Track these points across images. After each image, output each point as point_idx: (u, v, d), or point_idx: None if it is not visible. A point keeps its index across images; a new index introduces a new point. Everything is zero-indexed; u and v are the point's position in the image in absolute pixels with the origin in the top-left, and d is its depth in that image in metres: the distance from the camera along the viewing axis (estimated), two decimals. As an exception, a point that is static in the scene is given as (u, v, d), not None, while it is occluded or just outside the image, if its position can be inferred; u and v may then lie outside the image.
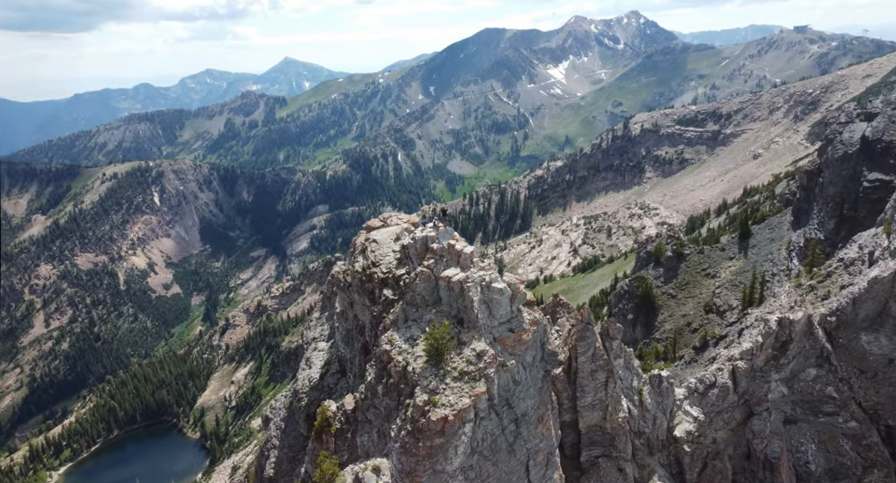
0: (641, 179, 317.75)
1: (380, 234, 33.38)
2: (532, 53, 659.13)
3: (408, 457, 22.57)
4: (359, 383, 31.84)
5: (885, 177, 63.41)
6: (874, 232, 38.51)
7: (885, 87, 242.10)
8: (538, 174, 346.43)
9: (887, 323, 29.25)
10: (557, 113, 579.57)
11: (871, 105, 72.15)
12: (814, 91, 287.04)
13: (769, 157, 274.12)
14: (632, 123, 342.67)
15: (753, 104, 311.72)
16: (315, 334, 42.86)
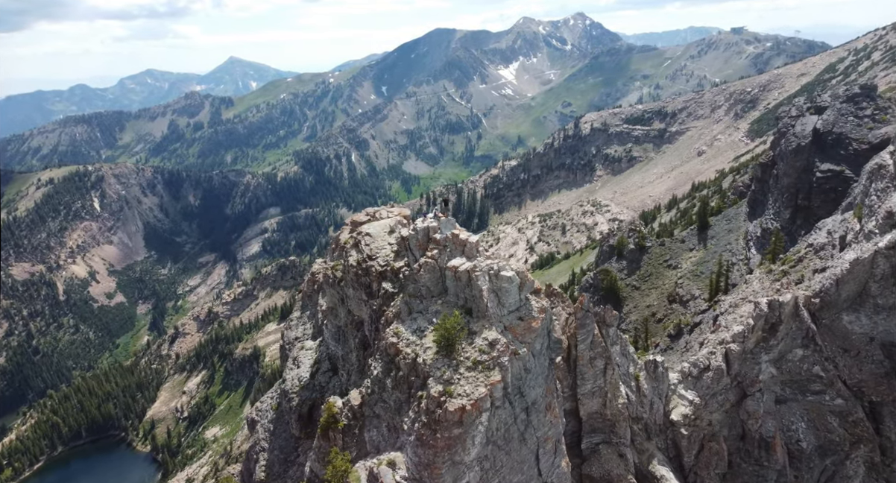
0: (593, 177, 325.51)
1: (372, 227, 32.50)
2: (483, 54, 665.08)
3: (425, 449, 21.95)
4: (356, 379, 30.92)
5: (836, 167, 66.68)
6: (841, 218, 40.39)
7: (819, 85, 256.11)
8: (494, 173, 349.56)
9: (867, 303, 30.67)
10: (509, 113, 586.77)
11: (820, 99, 75.85)
12: (752, 90, 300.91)
13: (712, 153, 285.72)
14: (582, 123, 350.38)
15: (696, 103, 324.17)
16: (297, 334, 41.45)
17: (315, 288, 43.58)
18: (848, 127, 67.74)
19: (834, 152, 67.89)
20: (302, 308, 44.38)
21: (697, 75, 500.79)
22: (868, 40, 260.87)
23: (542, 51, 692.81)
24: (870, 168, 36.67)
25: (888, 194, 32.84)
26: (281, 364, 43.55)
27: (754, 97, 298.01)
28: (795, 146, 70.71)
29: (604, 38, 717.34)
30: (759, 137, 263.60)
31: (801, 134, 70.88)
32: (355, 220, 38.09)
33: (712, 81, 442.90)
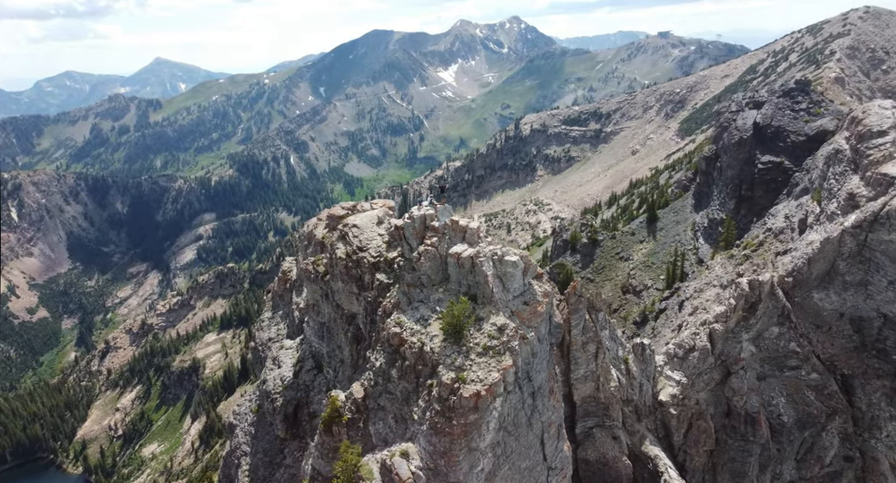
0: (534, 177, 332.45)
1: (359, 219, 31.52)
2: (422, 56, 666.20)
3: (440, 437, 21.40)
4: (350, 373, 29.90)
5: (776, 158, 70.74)
6: (797, 203, 42.77)
7: (741, 85, 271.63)
8: (438, 174, 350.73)
9: (836, 280, 32.52)
10: (450, 115, 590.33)
11: (758, 94, 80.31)
12: (681, 91, 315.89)
13: (646, 152, 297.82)
14: (522, 124, 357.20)
15: (629, 104, 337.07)
16: (271, 334, 39.77)
17: (287, 287, 42.03)
18: (785, 120, 72.01)
19: (773, 144, 71.98)
20: (273, 308, 42.66)
21: (628, 78, 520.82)
22: (785, 43, 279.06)
23: (480, 53, 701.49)
24: (826, 153, 39.00)
25: (846, 177, 35.04)
26: (255, 367, 41.68)
27: (683, 98, 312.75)
28: (738, 139, 74.50)
29: (539, 42, 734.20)
30: (689, 136, 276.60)
31: (742, 128, 74.76)
32: (332, 214, 36.94)
33: (642, 83, 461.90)
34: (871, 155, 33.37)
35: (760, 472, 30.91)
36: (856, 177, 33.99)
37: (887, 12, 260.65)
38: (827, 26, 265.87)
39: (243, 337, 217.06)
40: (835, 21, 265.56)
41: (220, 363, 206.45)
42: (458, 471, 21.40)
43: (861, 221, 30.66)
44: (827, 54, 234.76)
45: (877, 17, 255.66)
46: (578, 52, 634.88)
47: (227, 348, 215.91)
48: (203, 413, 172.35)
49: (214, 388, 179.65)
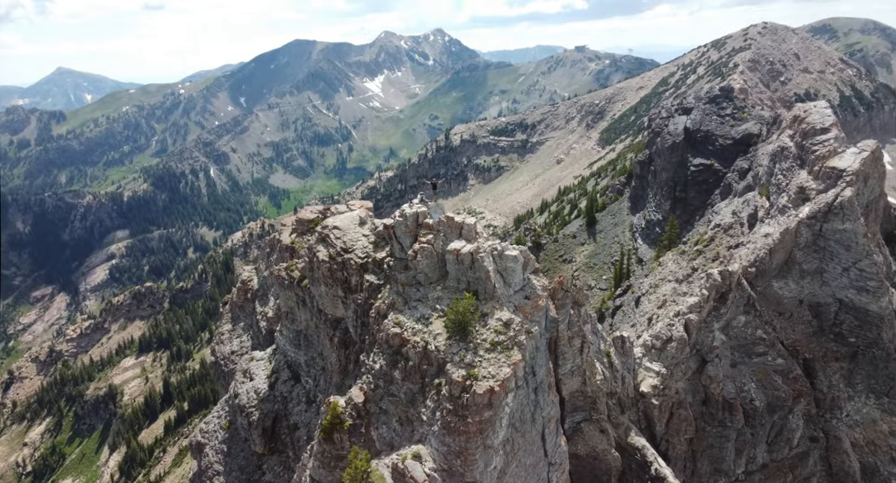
0: (466, 186, 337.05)
1: (339, 220, 30.30)
2: (347, 66, 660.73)
3: (454, 436, 20.75)
4: (338, 380, 28.55)
5: (706, 161, 75.21)
6: (743, 199, 45.53)
7: (655, 96, 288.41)
8: (371, 184, 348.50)
9: (793, 269, 34.73)
10: (379, 125, 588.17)
11: (686, 101, 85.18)
12: (600, 102, 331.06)
13: (570, 161, 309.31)
14: (452, 135, 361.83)
15: (553, 115, 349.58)
16: (233, 348, 37.45)
17: (248, 297, 39.83)
18: (713, 125, 76.82)
19: (703, 148, 76.55)
20: (233, 320, 40.22)
21: (549, 90, 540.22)
22: (693, 56, 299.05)
23: (406, 65, 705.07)
24: (772, 151, 41.78)
25: (794, 172, 37.64)
26: (217, 384, 39.01)
27: (602, 109, 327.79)
28: (670, 144, 78.63)
29: (463, 54, 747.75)
30: (609, 145, 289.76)
31: (674, 132, 79.02)
32: (301, 218, 35.46)
33: (562, 95, 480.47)
34: (816, 150, 36.14)
35: (737, 456, 32.29)
36: (803, 171, 36.66)
37: (783, 27, 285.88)
38: (730, 41, 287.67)
39: (165, 360, 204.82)
40: (736, 36, 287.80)
41: (141, 389, 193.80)
42: (474, 470, 20.84)
43: (816, 212, 33.05)
44: (731, 67, 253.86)
45: (774, 32, 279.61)
46: (501, 65, 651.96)
47: (148, 372, 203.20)
48: (122, 443, 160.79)
49: (135, 416, 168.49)
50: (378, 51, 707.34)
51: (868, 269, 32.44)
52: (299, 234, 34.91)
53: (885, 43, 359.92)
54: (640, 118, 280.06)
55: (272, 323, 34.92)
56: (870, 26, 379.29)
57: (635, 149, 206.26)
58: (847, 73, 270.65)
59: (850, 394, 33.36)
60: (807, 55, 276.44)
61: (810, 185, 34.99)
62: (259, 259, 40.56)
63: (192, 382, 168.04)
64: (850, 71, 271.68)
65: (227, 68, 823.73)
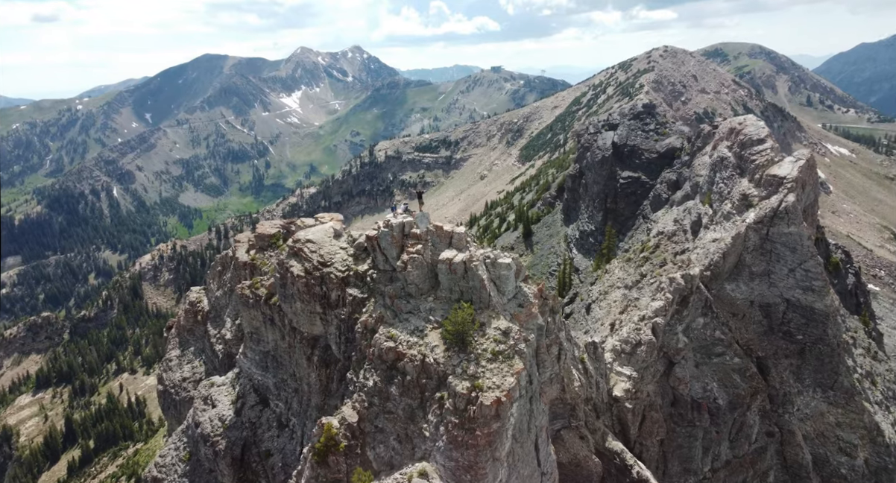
0: (393, 202, 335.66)
1: (312, 234, 28.90)
2: (262, 82, 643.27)
3: (462, 450, 20.14)
4: (318, 401, 27.01)
5: (634, 174, 79.31)
6: (683, 207, 48.20)
7: (569, 115, 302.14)
8: (293, 201, 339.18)
9: (743, 272, 37.03)
10: (298, 141, 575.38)
11: (611, 117, 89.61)
12: (518, 121, 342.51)
13: (493, 176, 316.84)
14: (377, 151, 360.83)
15: (474, 133, 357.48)
16: (184, 374, 34.72)
17: (198, 319, 37.14)
18: (638, 140, 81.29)
19: (630, 161, 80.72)
20: (181, 345, 37.27)
21: (468, 108, 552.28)
22: (602, 77, 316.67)
23: (324, 81, 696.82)
24: (712, 162, 44.61)
25: (734, 181, 40.38)
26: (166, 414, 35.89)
27: (520, 127, 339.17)
28: (600, 158, 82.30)
29: (382, 72, 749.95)
30: (529, 161, 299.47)
31: (603, 147, 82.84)
32: (262, 233, 33.65)
33: (481, 114, 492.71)
34: (755, 160, 39.02)
35: (704, 454, 33.66)
36: (744, 180, 39.45)
37: (682, 51, 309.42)
38: (635, 63, 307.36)
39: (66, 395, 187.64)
40: (641, 58, 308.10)
41: (39, 428, 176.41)
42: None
43: (762, 217, 35.54)
44: (637, 87, 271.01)
45: (674, 55, 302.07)
46: (421, 83, 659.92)
47: (47, 410, 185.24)
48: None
49: (33, 458, 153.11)
50: (294, 66, 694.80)
51: (813, 270, 35.31)
52: (259, 250, 33.06)
53: (770, 66, 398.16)
54: (556, 136, 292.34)
55: (231, 345, 32.70)
56: (756, 50, 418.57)
57: (555, 164, 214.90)
58: (739, 93, 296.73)
59: (800, 389, 35.87)
60: (704, 76, 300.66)
61: (753, 193, 37.73)
62: (209, 279, 37.98)
63: (98, 419, 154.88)
64: (741, 91, 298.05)
65: (130, 83, 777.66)
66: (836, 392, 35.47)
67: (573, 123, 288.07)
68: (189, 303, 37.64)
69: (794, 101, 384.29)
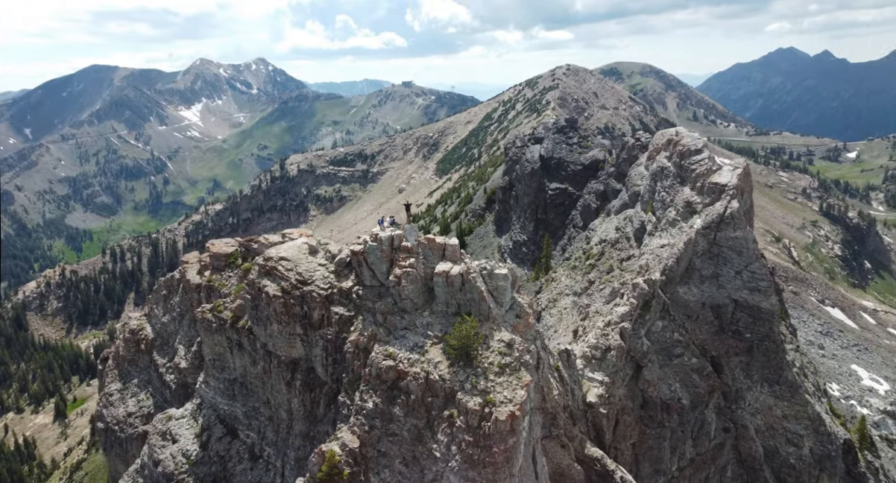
0: (307, 217, 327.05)
1: (285, 251, 27.13)
2: (158, 94, 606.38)
3: (479, 469, 19.58)
4: (303, 428, 25.22)
5: (561, 185, 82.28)
6: (624, 215, 50.40)
7: (482, 130, 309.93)
8: (196, 219, 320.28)
9: (694, 275, 39.13)
10: (199, 156, 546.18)
11: (536, 131, 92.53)
12: (433, 135, 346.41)
13: (411, 190, 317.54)
14: (288, 165, 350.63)
15: (390, 146, 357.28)
16: (129, 409, 31.53)
17: (142, 348, 33.79)
18: (563, 152, 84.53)
19: (557, 173, 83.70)
20: (122, 378, 33.64)
21: (381, 122, 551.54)
22: (511, 94, 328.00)
23: (227, 93, 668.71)
24: (651, 172, 47.02)
25: (676, 189, 42.82)
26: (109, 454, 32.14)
27: (436, 141, 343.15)
28: (530, 170, 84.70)
29: (289, 85, 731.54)
30: (445, 175, 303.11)
31: (532, 160, 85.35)
32: (217, 252, 31.25)
33: (394, 128, 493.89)
34: (695, 169, 41.65)
35: (672, 454, 34.96)
36: (686, 188, 41.96)
37: (583, 69, 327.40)
38: (541, 81, 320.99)
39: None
40: (546, 76, 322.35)
41: None
42: (503, 500, 19.76)
43: (710, 223, 37.90)
44: (544, 104, 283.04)
45: (576, 73, 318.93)
46: (331, 97, 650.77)
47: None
48: None
49: None
50: (194, 78, 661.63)
51: (759, 271, 38.08)
52: (215, 271, 30.65)
53: (660, 84, 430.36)
54: (470, 150, 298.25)
55: (187, 375, 29.96)
56: (647, 70, 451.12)
57: (475, 177, 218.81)
58: (635, 109, 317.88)
59: (749, 385, 38.36)
60: (603, 93, 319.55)
61: (696, 200, 40.26)
62: (151, 304, 34.65)
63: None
64: (637, 107, 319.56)
65: (6, 96, 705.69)
66: (782, 386, 38.27)
67: (486, 138, 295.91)
68: (129, 331, 34.15)
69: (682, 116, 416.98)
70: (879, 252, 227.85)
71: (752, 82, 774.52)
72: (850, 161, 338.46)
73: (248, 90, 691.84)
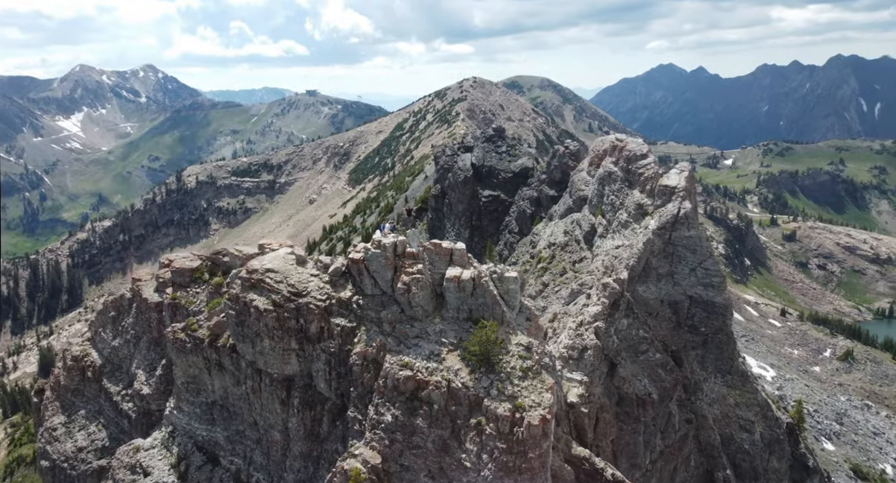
0: (209, 231, 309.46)
1: (269, 262, 25.18)
2: (32, 103, 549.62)
3: (516, 476, 19.28)
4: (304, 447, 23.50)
5: (493, 192, 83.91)
6: (571, 219, 52.01)
7: (394, 140, 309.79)
8: (82, 237, 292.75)
9: (651, 273, 40.99)
10: (81, 169, 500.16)
11: (465, 140, 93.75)
12: (344, 144, 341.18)
13: (322, 201, 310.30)
14: (185, 176, 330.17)
15: (299, 156, 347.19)
16: (79, 443, 28.09)
17: (90, 376, 30.16)
18: (494, 161, 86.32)
19: (489, 181, 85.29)
20: (65, 411, 29.71)
21: (285, 131, 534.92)
22: (421, 105, 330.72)
23: (112, 102, 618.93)
24: (599, 177, 48.96)
25: (624, 192, 44.90)
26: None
27: (347, 151, 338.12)
28: (463, 178, 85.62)
29: (182, 93, 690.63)
30: (359, 185, 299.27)
31: (464, 168, 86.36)
32: (180, 268, 28.54)
33: (300, 137, 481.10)
34: (643, 173, 43.92)
35: (645, 448, 36.27)
36: (635, 191, 44.11)
37: (489, 82, 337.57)
38: (449, 92, 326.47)
39: None
40: (454, 88, 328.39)
41: None
42: (541, 505, 19.55)
43: (665, 223, 40.00)
44: (454, 115, 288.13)
45: (482, 85, 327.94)
46: (229, 105, 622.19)
47: None
48: None
49: None
50: (73, 86, 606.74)
51: (712, 268, 40.73)
52: (180, 287, 27.99)
53: (557, 97, 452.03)
54: (384, 159, 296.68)
55: (151, 401, 27.01)
56: (545, 83, 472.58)
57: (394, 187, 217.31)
58: (539, 120, 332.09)
59: (705, 376, 40.81)
60: (508, 106, 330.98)
61: (647, 202, 42.47)
62: (96, 328, 30.91)
63: None
64: (540, 119, 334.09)
65: None
66: (733, 376, 41.12)
67: (399, 148, 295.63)
68: (72, 358, 30.23)
69: (579, 127, 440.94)
70: (756, 250, 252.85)
71: (637, 96, 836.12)
72: (728, 168, 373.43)
73: (135, 98, 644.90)
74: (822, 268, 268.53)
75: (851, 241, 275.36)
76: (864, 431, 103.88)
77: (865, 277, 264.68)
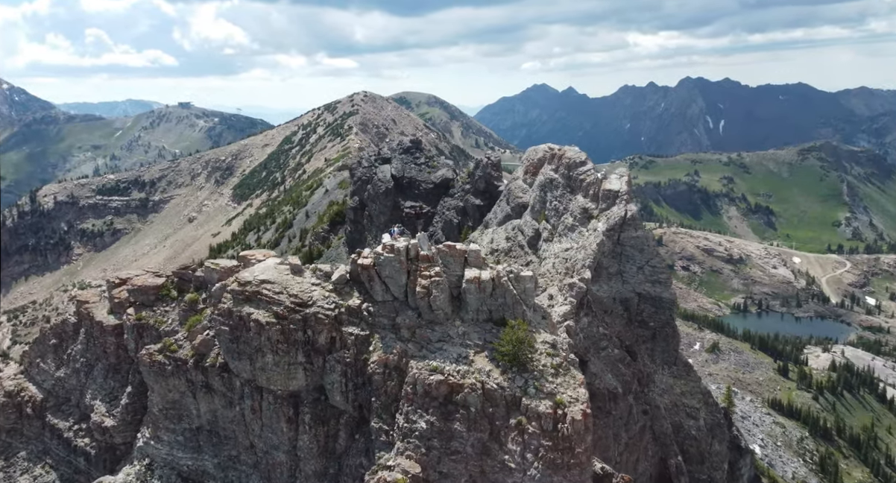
0: (70, 257, 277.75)
1: (262, 272, 22.96)
2: None
3: (565, 472, 19.18)
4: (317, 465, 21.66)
5: (415, 202, 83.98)
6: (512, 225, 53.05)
7: (282, 153, 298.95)
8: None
9: (602, 273, 42.71)
10: None
11: (383, 151, 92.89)
12: (226, 158, 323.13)
13: (204, 218, 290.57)
14: (41, 197, 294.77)
15: (174, 172, 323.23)
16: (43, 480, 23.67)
17: (28, 413, 25.70)
18: (413, 172, 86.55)
19: (410, 192, 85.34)
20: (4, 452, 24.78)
21: (155, 146, 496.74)
22: (311, 118, 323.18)
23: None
24: (540, 183, 50.48)
25: (567, 198, 46.75)
26: None
27: (230, 165, 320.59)
28: (384, 190, 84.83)
29: (32, 105, 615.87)
30: (245, 200, 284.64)
31: (384, 179, 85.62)
32: (143, 285, 25.23)
33: (172, 152, 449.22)
34: (584, 178, 46.01)
35: (615, 442, 37.58)
36: (578, 196, 46.06)
37: (379, 97, 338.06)
38: (340, 106, 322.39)
39: None
40: (345, 102, 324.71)
41: None
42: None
43: (613, 225, 42.09)
44: (347, 129, 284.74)
45: (373, 100, 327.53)
46: (89, 118, 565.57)
47: None
48: None
49: None
50: None
51: (658, 265, 43.38)
52: (144, 307, 24.81)
53: (445, 113, 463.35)
54: (272, 174, 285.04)
55: (115, 434, 23.48)
56: (433, 100, 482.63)
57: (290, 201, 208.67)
58: (431, 136, 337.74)
59: (654, 368, 43.31)
60: (401, 120, 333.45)
61: (591, 206, 44.55)
62: (32, 359, 26.24)
63: None
64: (433, 134, 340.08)
65: None
66: (678, 366, 44.14)
67: (289, 161, 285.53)
68: (4, 395, 25.40)
69: (467, 143, 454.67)
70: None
71: (516, 114, 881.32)
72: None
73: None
74: (686, 269, 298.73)
75: (709, 244, 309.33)
76: (734, 415, 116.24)
77: (722, 276, 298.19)
